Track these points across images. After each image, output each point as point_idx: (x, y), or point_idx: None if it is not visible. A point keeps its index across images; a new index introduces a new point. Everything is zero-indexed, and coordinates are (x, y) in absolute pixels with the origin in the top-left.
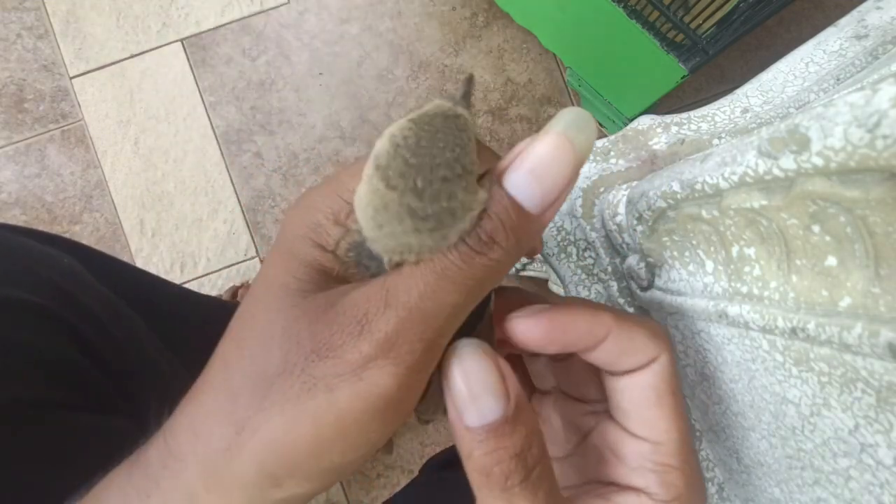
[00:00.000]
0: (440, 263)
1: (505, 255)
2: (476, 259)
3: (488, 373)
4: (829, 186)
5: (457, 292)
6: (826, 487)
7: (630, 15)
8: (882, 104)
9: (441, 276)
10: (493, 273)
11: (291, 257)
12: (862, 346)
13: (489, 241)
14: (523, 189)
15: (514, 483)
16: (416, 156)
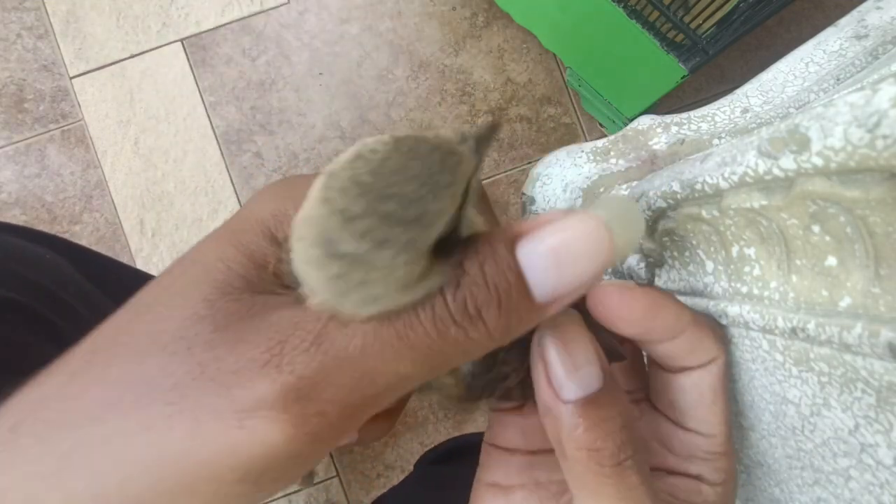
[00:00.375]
0: (403, 324)
1: (486, 338)
2: (451, 331)
3: (588, 342)
4: (829, 186)
5: (413, 363)
6: (826, 487)
7: (630, 15)
8: (882, 104)
9: (400, 339)
10: (464, 354)
11: (233, 241)
12: (862, 346)
13: (475, 316)
14: (538, 268)
15: (626, 456)
16: (371, 174)
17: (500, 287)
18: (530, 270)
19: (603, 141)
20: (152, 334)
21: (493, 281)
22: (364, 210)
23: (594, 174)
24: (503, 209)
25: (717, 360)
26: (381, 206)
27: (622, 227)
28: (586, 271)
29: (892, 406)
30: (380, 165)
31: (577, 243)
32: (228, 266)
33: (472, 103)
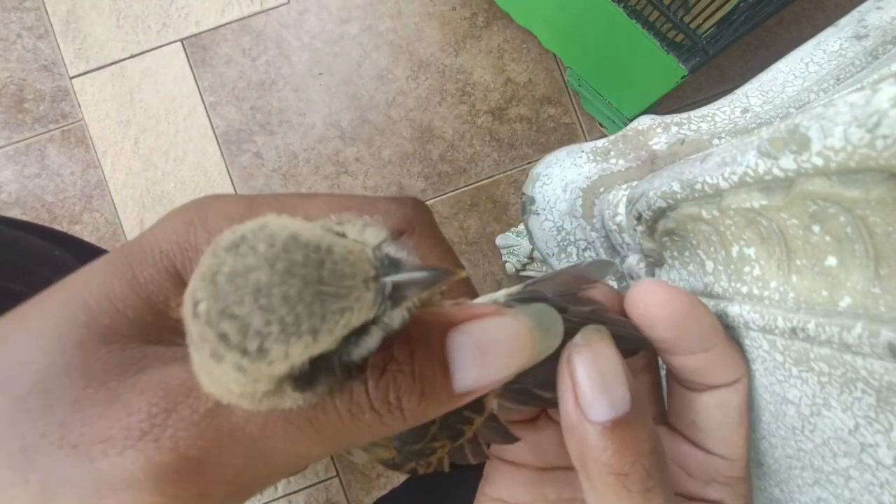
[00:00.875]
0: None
1: (400, 423)
2: (366, 417)
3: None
4: (829, 186)
5: (319, 445)
6: (826, 487)
7: (630, 15)
8: (882, 104)
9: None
10: (371, 436)
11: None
12: (862, 346)
13: (395, 403)
14: (463, 362)
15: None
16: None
17: (426, 377)
18: (456, 362)
19: (603, 141)
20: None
21: (420, 371)
22: (206, 317)
23: (594, 174)
24: (503, 209)
25: (742, 379)
26: (221, 322)
27: (544, 336)
28: (507, 368)
29: (892, 406)
30: (244, 272)
31: (504, 344)
32: (117, 307)
33: (472, 103)
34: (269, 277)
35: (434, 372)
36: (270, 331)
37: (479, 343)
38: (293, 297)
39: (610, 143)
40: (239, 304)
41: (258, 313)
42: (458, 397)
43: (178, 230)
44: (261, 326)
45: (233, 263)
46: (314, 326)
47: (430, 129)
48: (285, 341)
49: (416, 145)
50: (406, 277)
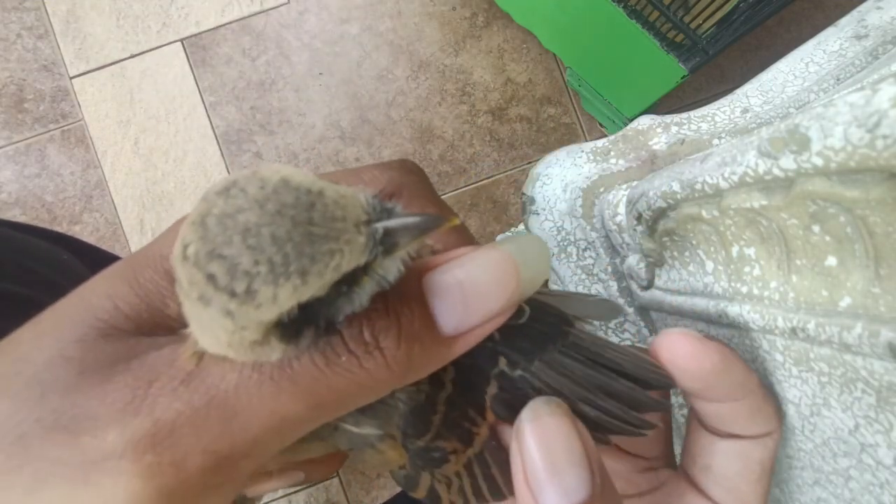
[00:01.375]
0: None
1: (385, 370)
2: (343, 361)
3: (573, 439)
4: (829, 186)
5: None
6: (826, 487)
7: (630, 15)
8: (882, 104)
9: (282, 370)
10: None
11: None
12: (862, 346)
13: (371, 343)
14: (444, 300)
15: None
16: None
17: (402, 314)
18: (437, 301)
19: (603, 141)
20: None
21: (394, 308)
22: (195, 259)
23: (594, 174)
24: (503, 209)
25: (773, 434)
26: (210, 263)
27: (529, 262)
28: (493, 304)
29: (892, 406)
30: (233, 214)
31: (485, 275)
32: (116, 305)
33: (472, 103)
34: (258, 218)
35: (410, 309)
36: (258, 271)
37: (458, 278)
38: (282, 237)
39: (610, 143)
40: (227, 245)
41: (247, 253)
42: (447, 341)
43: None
44: (249, 266)
45: (223, 205)
46: (303, 267)
47: (430, 129)
48: (273, 282)
49: (416, 145)
50: (398, 223)
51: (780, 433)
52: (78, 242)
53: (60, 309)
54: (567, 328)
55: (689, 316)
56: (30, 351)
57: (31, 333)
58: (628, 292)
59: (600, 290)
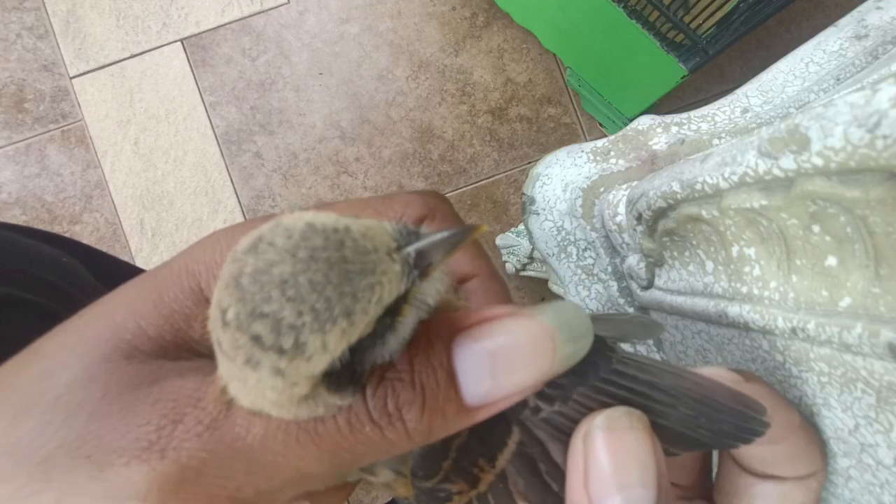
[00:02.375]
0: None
1: (405, 440)
2: (366, 429)
3: (647, 455)
4: (829, 186)
5: (319, 460)
6: (826, 487)
7: (630, 15)
8: (882, 104)
9: (307, 432)
10: (377, 454)
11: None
12: (862, 346)
13: (395, 415)
14: (473, 370)
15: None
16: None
17: (427, 386)
18: (464, 371)
19: (603, 141)
20: (34, 394)
21: (420, 379)
22: (236, 323)
23: (594, 174)
24: (503, 209)
25: (817, 475)
26: (253, 324)
27: (569, 339)
28: (524, 381)
29: (892, 406)
30: (267, 268)
31: (518, 350)
32: (140, 325)
33: (472, 103)
34: (292, 267)
35: (436, 381)
36: (304, 321)
37: (488, 348)
38: (320, 282)
39: (610, 144)
40: (267, 301)
41: (288, 306)
42: (470, 412)
43: (206, 250)
44: (293, 319)
45: (254, 262)
46: (347, 307)
47: (430, 129)
48: (321, 329)
49: (416, 145)
50: (428, 242)
51: (824, 473)
52: (77, 244)
53: (84, 324)
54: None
55: (689, 316)
56: (54, 367)
57: (55, 347)
58: (628, 292)
59: (600, 290)
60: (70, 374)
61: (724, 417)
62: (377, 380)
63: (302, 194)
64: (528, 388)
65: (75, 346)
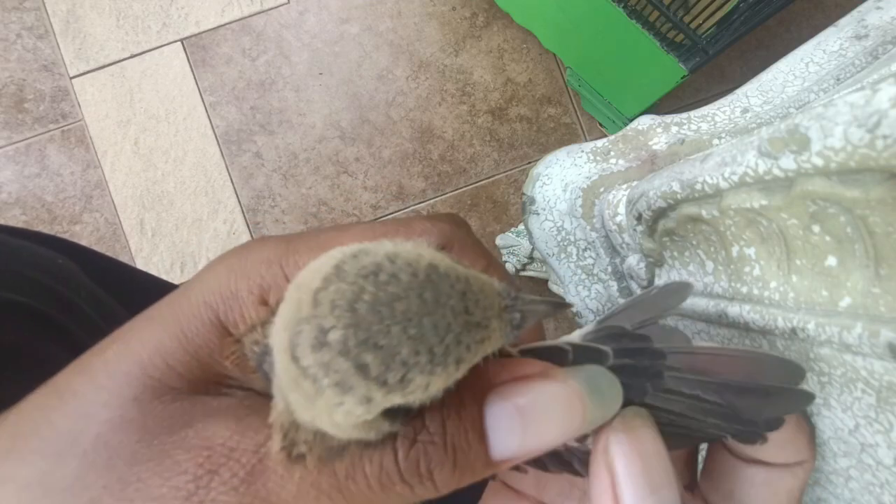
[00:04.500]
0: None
1: (432, 493)
2: (396, 488)
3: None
4: (829, 186)
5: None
6: (826, 487)
7: (630, 15)
8: (882, 104)
9: (339, 491)
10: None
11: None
12: (862, 346)
13: (425, 475)
14: (502, 428)
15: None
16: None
17: (458, 448)
18: (494, 429)
19: (603, 141)
20: (73, 433)
21: (452, 441)
22: (341, 347)
23: (594, 174)
24: (503, 209)
25: (805, 464)
26: (362, 353)
27: (598, 402)
28: (551, 439)
29: (892, 406)
30: (389, 301)
31: (549, 412)
32: (167, 362)
33: (472, 103)
34: (418, 308)
35: (468, 442)
36: (418, 361)
37: (520, 410)
38: (444, 328)
39: (610, 143)
40: (385, 335)
41: (407, 344)
42: (495, 465)
43: (220, 279)
44: (408, 357)
45: (374, 292)
46: (460, 356)
47: (430, 129)
48: (430, 372)
49: (416, 145)
50: (529, 309)
51: (812, 463)
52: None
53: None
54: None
55: (689, 316)
56: (91, 406)
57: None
58: (628, 292)
59: (600, 290)
60: (107, 414)
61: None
62: (410, 441)
63: (302, 194)
64: (553, 446)
65: (107, 386)
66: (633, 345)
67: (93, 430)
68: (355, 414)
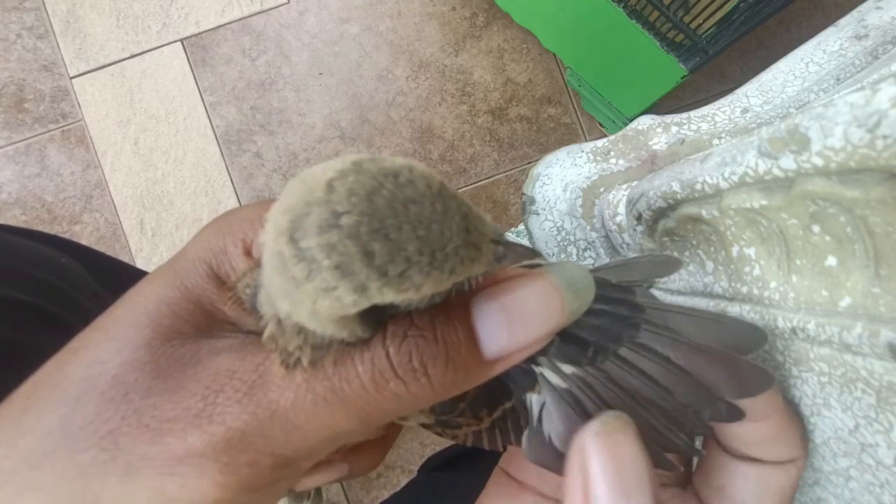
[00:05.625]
0: (339, 377)
1: (430, 393)
2: (391, 386)
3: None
4: (829, 186)
5: (347, 418)
6: (826, 487)
7: (630, 15)
8: (882, 104)
9: (334, 392)
10: (403, 408)
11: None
12: (862, 346)
13: (419, 370)
14: (490, 325)
15: None
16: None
17: (449, 342)
18: (482, 326)
19: (603, 141)
20: (90, 378)
21: (442, 336)
22: (352, 231)
23: (594, 174)
24: (503, 209)
25: (797, 462)
26: (372, 241)
27: (575, 293)
28: (537, 332)
29: (892, 406)
30: (405, 202)
31: (532, 305)
32: (173, 311)
33: (472, 103)
34: (430, 214)
35: (458, 337)
36: (419, 261)
37: (504, 306)
38: (447, 237)
39: (610, 143)
40: (397, 230)
41: (415, 241)
42: (489, 364)
43: (210, 238)
44: (413, 254)
45: (393, 190)
46: (454, 266)
47: (430, 129)
48: (427, 273)
49: (416, 145)
50: (512, 246)
51: (804, 461)
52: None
53: (120, 316)
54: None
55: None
56: (106, 354)
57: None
58: None
59: None
60: (121, 359)
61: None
62: (400, 337)
63: None
64: (540, 341)
65: (119, 336)
66: (615, 294)
67: (109, 374)
68: (343, 302)
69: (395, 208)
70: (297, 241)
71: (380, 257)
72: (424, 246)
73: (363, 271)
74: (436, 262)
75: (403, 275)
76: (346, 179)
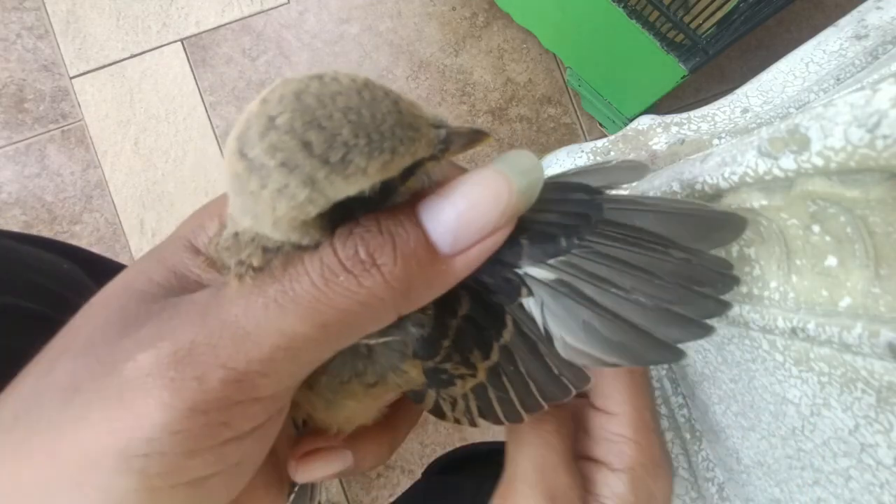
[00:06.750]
0: (288, 277)
1: (384, 287)
2: (341, 279)
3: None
4: (829, 186)
5: (301, 320)
6: (826, 487)
7: (630, 15)
8: (882, 104)
9: (284, 293)
10: (362, 309)
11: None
12: (862, 346)
13: (367, 261)
14: (437, 220)
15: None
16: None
17: (395, 233)
18: (429, 217)
19: (603, 141)
20: (67, 340)
21: (387, 228)
22: (288, 127)
23: None
24: None
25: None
26: (307, 132)
27: (521, 173)
28: (489, 216)
29: (892, 406)
30: (332, 95)
31: (476, 191)
32: (149, 277)
33: (472, 103)
34: (357, 102)
35: (404, 229)
36: (357, 143)
37: (447, 195)
38: (379, 119)
39: (610, 143)
40: (328, 119)
41: (348, 126)
42: (446, 260)
43: (192, 219)
44: (349, 138)
45: (319, 87)
46: (394, 146)
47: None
48: (368, 155)
49: None
50: (454, 131)
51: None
52: (78, 251)
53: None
54: (597, 196)
55: None
56: (83, 325)
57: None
58: None
59: None
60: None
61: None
62: (346, 234)
63: None
64: (496, 228)
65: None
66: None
67: (84, 333)
68: (298, 200)
69: (322, 101)
70: (246, 154)
71: (318, 146)
72: (359, 129)
73: (306, 162)
74: (373, 143)
75: (345, 159)
76: (275, 91)
